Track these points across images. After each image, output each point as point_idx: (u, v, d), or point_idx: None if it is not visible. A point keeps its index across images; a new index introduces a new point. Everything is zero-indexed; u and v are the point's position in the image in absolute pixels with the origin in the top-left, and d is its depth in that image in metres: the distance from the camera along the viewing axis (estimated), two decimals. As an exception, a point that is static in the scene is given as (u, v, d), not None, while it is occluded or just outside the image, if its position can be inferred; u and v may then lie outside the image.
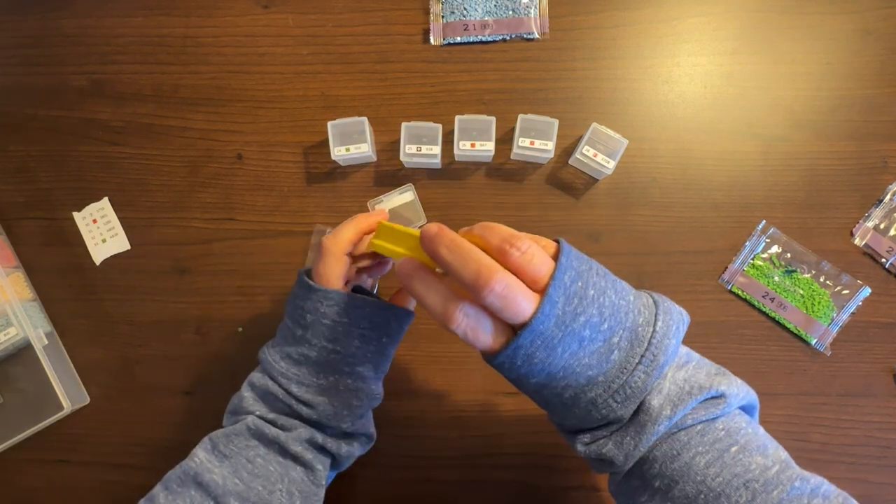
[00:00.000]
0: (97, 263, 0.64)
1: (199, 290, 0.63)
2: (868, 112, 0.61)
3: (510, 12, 0.63)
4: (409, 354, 0.62)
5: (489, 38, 0.63)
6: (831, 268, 0.60)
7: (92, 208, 0.64)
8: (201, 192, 0.64)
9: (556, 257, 0.35)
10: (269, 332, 0.62)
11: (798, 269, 0.61)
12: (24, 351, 0.62)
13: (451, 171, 0.63)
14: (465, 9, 0.63)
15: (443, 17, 0.63)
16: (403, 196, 0.48)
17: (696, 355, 0.40)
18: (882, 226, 0.60)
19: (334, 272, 0.46)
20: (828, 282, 0.60)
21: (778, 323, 0.61)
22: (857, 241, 0.61)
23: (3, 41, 0.66)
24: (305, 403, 0.45)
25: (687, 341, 0.62)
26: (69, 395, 0.60)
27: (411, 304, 0.50)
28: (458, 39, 0.63)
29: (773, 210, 0.61)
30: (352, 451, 0.48)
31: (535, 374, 0.36)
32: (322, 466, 0.46)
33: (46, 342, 0.61)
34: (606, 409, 0.36)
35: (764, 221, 0.61)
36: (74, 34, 0.65)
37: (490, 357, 0.36)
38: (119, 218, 0.64)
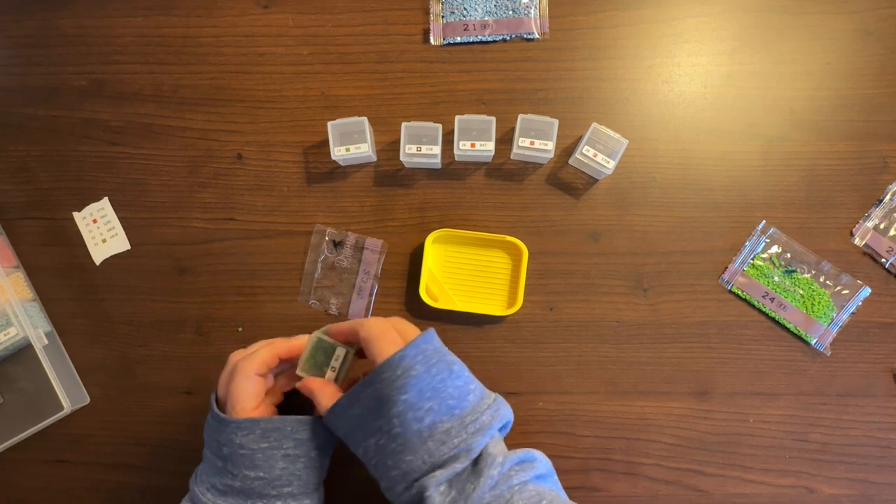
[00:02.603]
0: (97, 263, 0.64)
1: (199, 290, 0.63)
2: (868, 112, 0.61)
3: (510, 12, 0.63)
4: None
5: (489, 38, 0.63)
6: (831, 268, 0.60)
7: (92, 208, 0.64)
8: (201, 192, 0.64)
9: None
10: (269, 332, 0.62)
11: (798, 269, 0.61)
12: (24, 351, 0.62)
13: (451, 171, 0.63)
14: (465, 9, 0.63)
15: (443, 17, 0.63)
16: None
17: None
18: (882, 226, 0.60)
19: (246, 395, 0.45)
20: (828, 282, 0.60)
21: (778, 323, 0.61)
22: (857, 241, 0.61)
23: (3, 41, 0.66)
24: None
25: (687, 341, 0.62)
26: (69, 395, 0.60)
27: None
28: (458, 39, 0.63)
29: (773, 210, 0.61)
30: None
31: (408, 388, 0.42)
32: None
33: (46, 342, 0.61)
34: (459, 439, 0.42)
35: (764, 221, 0.61)
36: (74, 34, 0.65)
37: (378, 366, 0.44)
38: (119, 218, 0.64)
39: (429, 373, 0.43)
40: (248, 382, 0.45)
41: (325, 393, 0.46)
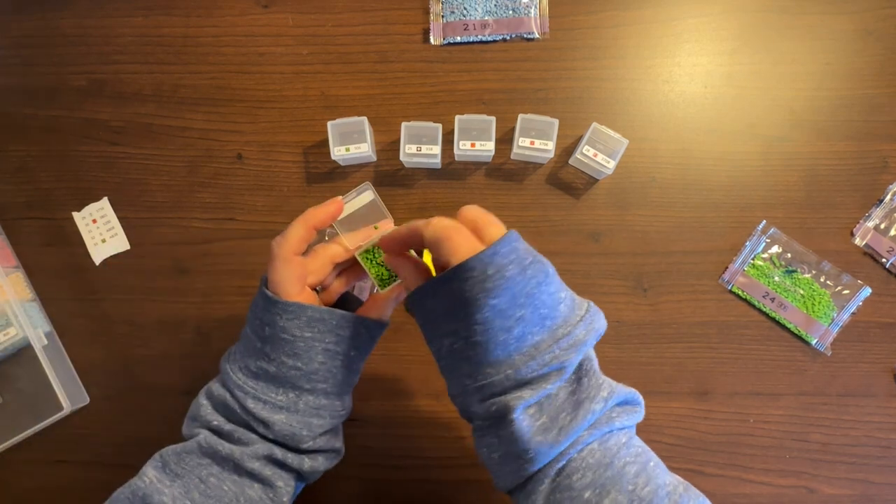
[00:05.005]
0: (97, 263, 0.64)
1: (199, 290, 0.63)
2: (868, 112, 0.61)
3: (510, 12, 0.63)
4: (407, 354, 0.62)
5: (489, 38, 0.63)
6: (832, 268, 0.60)
7: (92, 208, 0.64)
8: (201, 192, 0.64)
9: None
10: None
11: (798, 269, 0.61)
12: (23, 351, 0.62)
13: (451, 171, 0.63)
14: (465, 8, 0.63)
15: (443, 16, 0.63)
16: (362, 197, 0.45)
17: None
18: (882, 226, 0.60)
19: (286, 278, 0.42)
20: (828, 282, 0.60)
21: (778, 323, 0.60)
22: (857, 241, 0.61)
23: (3, 41, 0.66)
24: (262, 421, 0.42)
25: (687, 341, 0.62)
26: (69, 395, 0.60)
27: (386, 314, 0.46)
28: (458, 39, 0.63)
29: (774, 210, 0.61)
30: (316, 466, 0.44)
31: (501, 292, 0.36)
32: (283, 483, 0.43)
33: (46, 342, 0.61)
34: (550, 356, 0.36)
35: (764, 221, 0.61)
36: (74, 34, 0.65)
37: (464, 262, 0.36)
38: (119, 218, 0.64)
39: (523, 274, 0.36)
40: (286, 266, 0.42)
41: (411, 271, 0.42)
